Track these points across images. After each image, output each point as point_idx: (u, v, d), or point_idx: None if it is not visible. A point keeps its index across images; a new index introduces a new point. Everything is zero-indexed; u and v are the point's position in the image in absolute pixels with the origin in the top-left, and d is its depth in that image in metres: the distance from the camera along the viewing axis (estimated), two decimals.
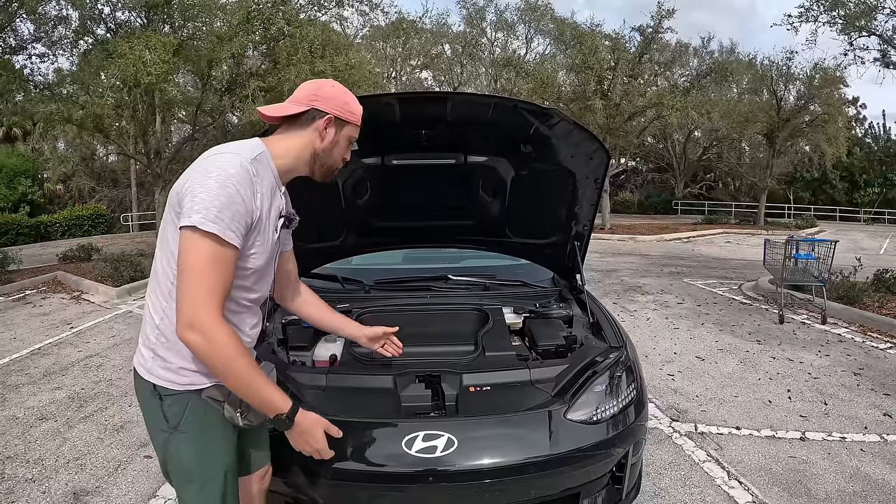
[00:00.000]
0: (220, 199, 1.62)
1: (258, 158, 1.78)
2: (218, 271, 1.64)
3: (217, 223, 1.61)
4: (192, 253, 1.62)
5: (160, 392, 1.80)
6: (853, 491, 3.54)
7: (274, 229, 1.89)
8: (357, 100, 1.98)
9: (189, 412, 1.80)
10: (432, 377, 2.56)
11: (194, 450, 1.84)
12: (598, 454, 2.40)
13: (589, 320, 3.31)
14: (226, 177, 1.64)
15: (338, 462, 2.22)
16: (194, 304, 1.61)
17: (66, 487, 3.59)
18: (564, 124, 2.92)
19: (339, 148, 1.96)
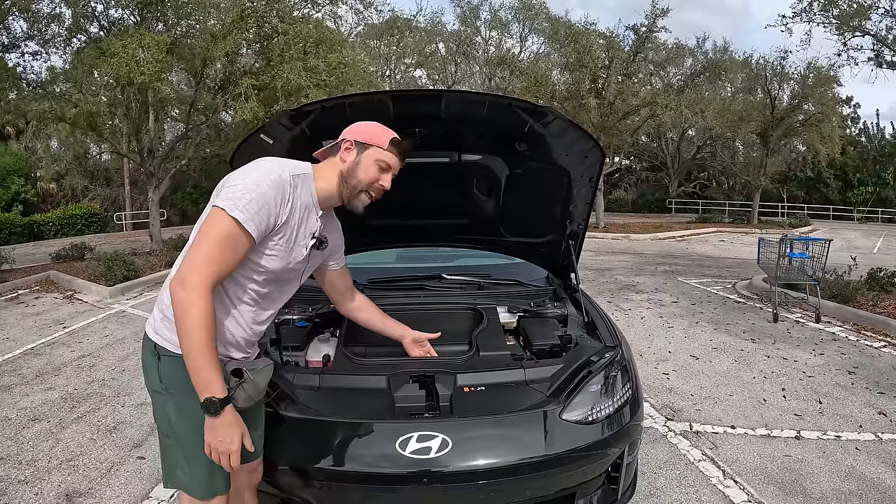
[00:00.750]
0: (252, 193, 1.84)
1: (301, 177, 2.01)
2: (226, 249, 1.81)
3: (243, 212, 1.81)
4: (212, 226, 1.82)
5: (159, 352, 1.95)
6: (848, 490, 3.54)
7: (304, 246, 2.08)
8: (387, 129, 2.16)
9: (183, 376, 1.84)
10: (426, 377, 2.54)
11: (185, 416, 1.93)
12: (593, 454, 2.38)
13: (584, 319, 3.30)
14: (264, 178, 1.88)
15: (332, 463, 2.22)
16: (194, 265, 1.79)
17: (58, 489, 3.57)
18: (559, 122, 2.90)
19: (363, 169, 2.08)
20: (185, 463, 1.97)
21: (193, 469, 1.96)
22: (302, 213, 2.03)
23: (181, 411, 1.94)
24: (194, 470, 1.96)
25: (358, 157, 2.09)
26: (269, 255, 1.97)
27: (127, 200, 27.68)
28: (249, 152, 2.55)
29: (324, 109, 2.66)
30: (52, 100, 12.43)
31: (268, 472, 2.28)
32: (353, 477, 2.22)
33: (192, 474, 1.98)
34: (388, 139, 2.12)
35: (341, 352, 2.86)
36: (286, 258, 2.02)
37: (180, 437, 1.96)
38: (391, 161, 2.12)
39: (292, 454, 2.20)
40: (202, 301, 1.76)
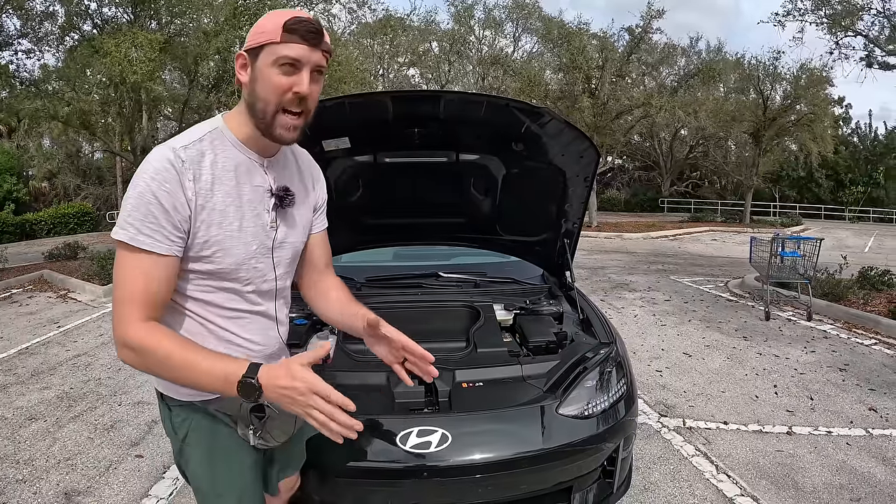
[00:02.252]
0: (131, 201, 1.43)
1: (205, 138, 1.51)
2: (134, 279, 1.43)
3: (126, 228, 1.42)
4: (115, 266, 1.47)
5: (167, 401, 1.67)
6: (840, 484, 3.59)
7: (266, 211, 1.62)
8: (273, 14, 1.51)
9: (194, 425, 1.65)
10: None
11: (203, 465, 1.68)
12: (589, 449, 2.42)
13: (579, 316, 3.33)
14: (139, 176, 1.44)
15: (332, 458, 2.24)
16: (118, 322, 1.44)
17: (57, 488, 3.57)
18: (555, 123, 2.94)
19: (264, 81, 1.49)
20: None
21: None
22: (232, 177, 1.54)
23: (201, 462, 1.69)
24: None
25: (254, 71, 1.49)
26: (215, 250, 1.53)
27: (119, 199, 27.59)
28: None
29: (324, 108, 2.67)
30: (44, 98, 12.40)
31: None
32: (353, 471, 2.25)
33: None
34: (279, 27, 1.45)
35: (341, 348, 2.89)
36: (240, 242, 1.57)
37: (202, 481, 1.70)
38: (296, 52, 1.46)
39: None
40: (146, 344, 1.42)
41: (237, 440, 1.67)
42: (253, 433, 1.63)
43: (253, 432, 1.63)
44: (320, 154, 3.00)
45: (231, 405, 1.62)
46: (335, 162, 3.18)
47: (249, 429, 1.63)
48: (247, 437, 1.64)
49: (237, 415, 1.63)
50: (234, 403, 1.60)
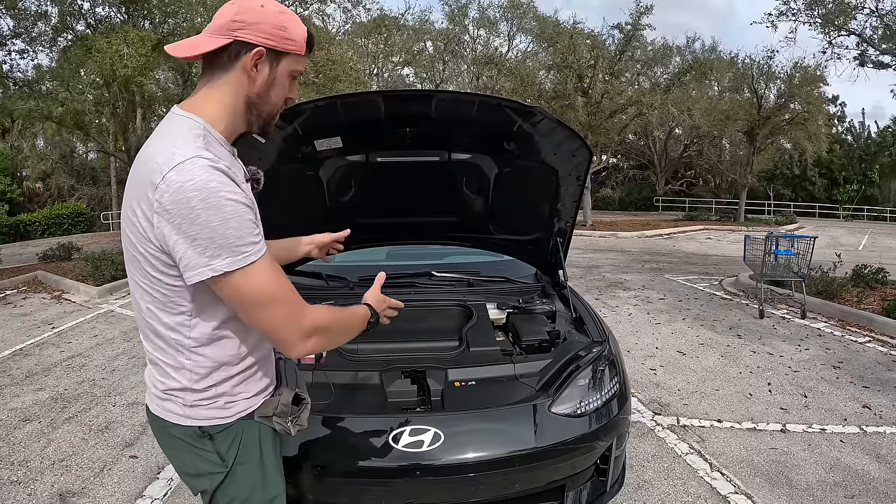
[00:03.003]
0: (230, 224, 1.32)
1: (208, 141, 1.41)
2: (278, 278, 1.42)
3: (246, 249, 1.35)
4: (251, 287, 1.37)
5: (209, 432, 1.56)
6: (833, 481, 3.61)
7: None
8: (299, 20, 1.50)
9: (244, 442, 1.60)
10: (418, 373, 2.60)
11: (257, 475, 1.65)
12: (582, 447, 2.43)
13: (572, 315, 3.35)
14: (212, 196, 1.30)
15: (326, 457, 2.26)
16: (295, 319, 1.44)
17: (51, 489, 3.56)
18: (547, 122, 2.96)
19: (279, 88, 1.51)
20: None
21: None
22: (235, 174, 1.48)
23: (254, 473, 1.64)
24: None
25: (273, 73, 1.48)
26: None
27: (114, 200, 27.51)
28: (242, 151, 2.57)
29: (316, 108, 2.69)
30: (38, 98, 12.36)
31: None
32: (347, 471, 2.27)
33: None
34: (305, 41, 1.50)
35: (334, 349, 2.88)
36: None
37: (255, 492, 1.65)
38: (304, 66, 1.57)
39: (286, 449, 2.22)
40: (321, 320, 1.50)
41: (274, 441, 1.70)
42: (292, 422, 1.66)
43: (292, 421, 1.66)
44: (313, 153, 3.01)
45: (269, 406, 1.64)
46: (328, 162, 3.19)
47: (288, 420, 1.65)
48: (287, 430, 1.65)
49: (275, 412, 1.64)
50: (272, 403, 1.64)
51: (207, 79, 1.47)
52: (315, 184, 3.29)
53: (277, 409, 1.64)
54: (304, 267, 3.73)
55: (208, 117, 1.45)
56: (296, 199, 3.31)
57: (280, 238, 2.30)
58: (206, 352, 1.51)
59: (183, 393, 1.53)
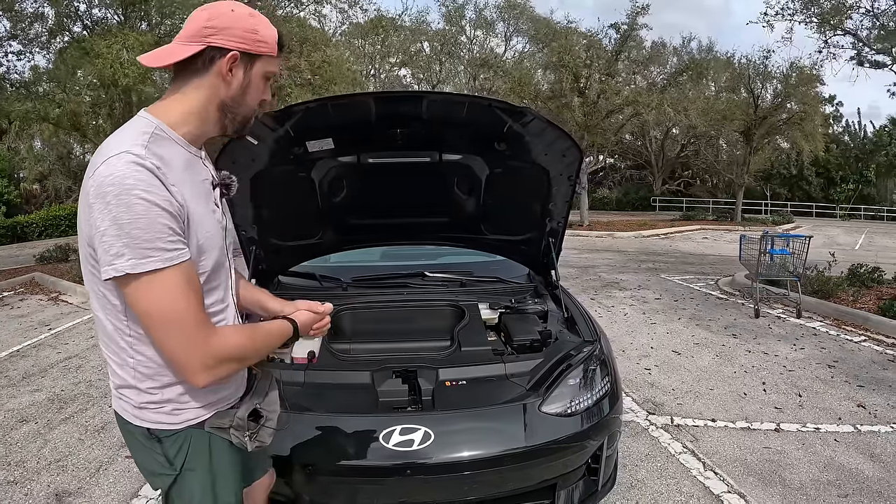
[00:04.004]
0: (137, 224, 1.29)
1: (154, 139, 1.38)
2: (187, 295, 1.37)
3: (151, 255, 1.31)
4: (148, 302, 1.34)
5: (158, 435, 1.57)
6: (827, 480, 3.63)
7: (214, 205, 1.59)
8: (269, 22, 1.53)
9: (192, 449, 1.60)
10: (409, 372, 2.64)
11: (205, 485, 1.64)
12: (572, 446, 2.46)
13: (563, 315, 3.39)
14: (126, 194, 1.28)
15: (317, 457, 2.29)
16: (193, 348, 1.39)
17: (48, 489, 3.59)
18: (538, 122, 2.99)
19: (254, 90, 1.53)
20: None
21: None
22: (190, 178, 1.46)
23: (202, 482, 1.64)
24: None
25: (247, 76, 1.50)
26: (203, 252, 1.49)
27: None
28: (235, 152, 2.59)
29: (307, 110, 2.72)
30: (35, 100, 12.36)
31: None
32: (338, 470, 2.29)
33: None
34: (276, 42, 1.53)
35: (326, 348, 2.92)
36: (215, 234, 1.55)
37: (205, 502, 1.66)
38: (277, 69, 1.58)
39: (278, 448, 2.23)
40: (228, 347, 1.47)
41: (230, 451, 1.67)
42: (250, 438, 1.65)
43: (250, 437, 1.65)
44: (305, 155, 3.04)
45: (224, 418, 1.62)
46: (319, 163, 3.22)
47: (246, 434, 1.63)
48: (243, 444, 1.64)
49: (231, 425, 1.62)
50: (227, 416, 1.62)
51: (179, 84, 1.48)
52: (307, 185, 3.32)
53: (233, 422, 1.62)
54: (297, 267, 3.78)
55: (169, 120, 1.45)
56: (288, 199, 3.36)
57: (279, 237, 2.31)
58: (146, 352, 1.48)
59: (129, 391, 1.53)
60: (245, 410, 1.64)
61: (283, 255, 3.61)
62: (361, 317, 3.36)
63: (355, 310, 3.42)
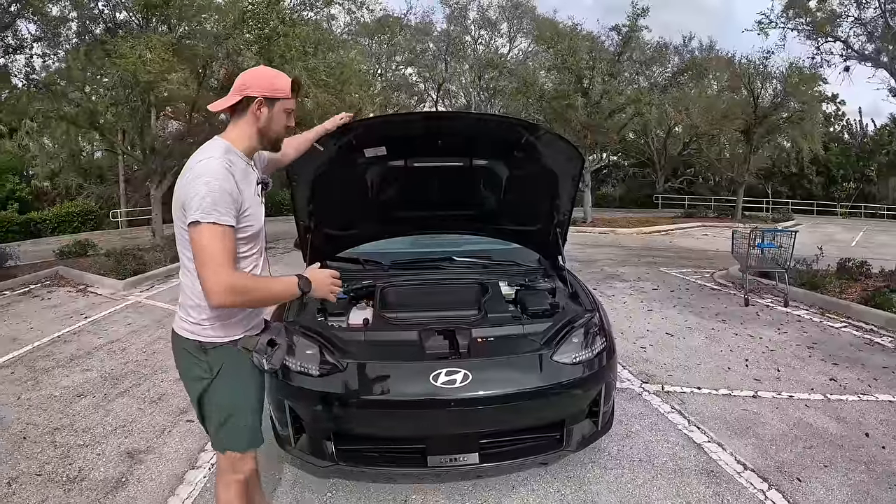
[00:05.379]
0: (211, 195, 2.06)
1: (227, 151, 2.21)
2: (223, 245, 2.06)
3: (212, 213, 2.05)
4: (201, 240, 2.05)
5: (205, 346, 2.28)
6: (794, 435, 4.19)
7: (258, 196, 2.33)
8: (283, 75, 2.32)
9: (227, 360, 2.30)
10: (449, 331, 3.33)
11: (231, 389, 2.32)
12: (577, 388, 3.17)
13: (568, 291, 4.09)
14: (210, 177, 2.08)
15: (381, 394, 2.99)
16: (216, 276, 2.04)
17: (119, 449, 4.01)
18: (548, 135, 3.76)
19: (277, 122, 2.30)
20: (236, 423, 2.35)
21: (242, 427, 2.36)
22: (244, 177, 2.24)
23: (229, 386, 2.32)
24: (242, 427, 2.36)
25: (270, 112, 2.26)
26: (248, 224, 2.23)
27: (122, 198, 27.88)
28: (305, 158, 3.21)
29: (366, 126, 3.47)
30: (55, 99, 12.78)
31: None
32: (398, 404, 2.99)
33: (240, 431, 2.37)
34: (289, 88, 2.29)
35: (379, 315, 3.65)
36: (257, 215, 2.30)
37: (231, 400, 2.33)
38: (294, 106, 2.33)
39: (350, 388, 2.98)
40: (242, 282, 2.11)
41: (249, 370, 2.36)
42: (267, 360, 2.32)
43: (267, 359, 2.32)
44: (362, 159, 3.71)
45: (251, 341, 2.33)
46: (373, 166, 3.91)
47: (263, 357, 2.31)
48: (260, 364, 2.32)
49: (254, 348, 2.31)
50: (252, 340, 2.33)
51: (235, 119, 2.30)
52: (361, 184, 4.01)
53: (256, 346, 2.32)
54: (344, 253, 4.45)
55: (231, 140, 2.28)
56: (343, 196, 4.05)
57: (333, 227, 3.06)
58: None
59: (193, 310, 2.28)
60: (265, 338, 2.35)
61: (333, 242, 4.28)
62: (405, 292, 4.04)
63: (400, 286, 4.10)
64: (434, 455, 3.09)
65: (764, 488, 3.47)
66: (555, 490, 3.42)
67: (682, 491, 3.43)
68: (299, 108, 11.96)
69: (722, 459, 3.81)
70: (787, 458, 3.84)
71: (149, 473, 3.73)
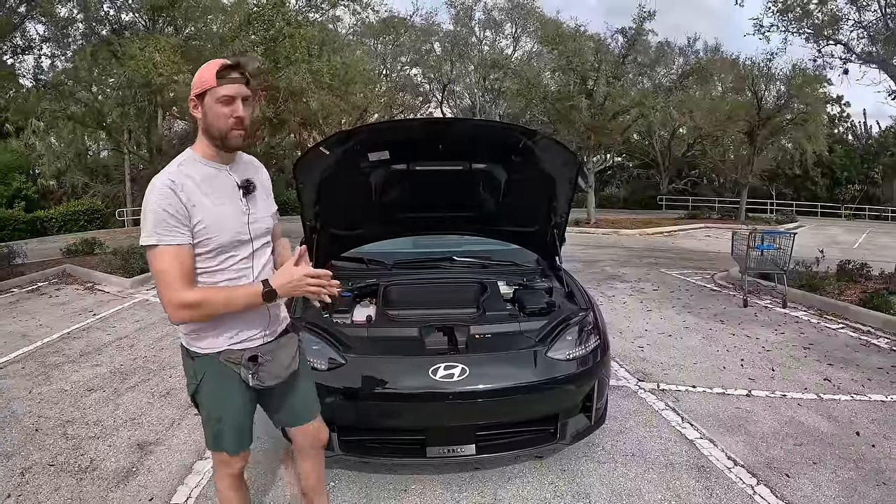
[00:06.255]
0: (152, 216, 2.04)
1: (182, 164, 2.16)
2: (169, 265, 2.05)
3: (153, 236, 2.05)
4: (151, 264, 2.10)
5: (191, 354, 2.32)
6: (786, 433, 4.29)
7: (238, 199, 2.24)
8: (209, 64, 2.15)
9: (208, 371, 2.30)
10: (448, 328, 3.47)
11: (213, 397, 2.34)
12: (570, 384, 3.29)
13: (564, 290, 4.22)
14: (152, 197, 2.05)
15: (383, 387, 3.11)
16: (166, 296, 2.07)
17: (129, 441, 4.13)
18: (545, 140, 3.88)
19: (213, 115, 2.13)
20: (221, 429, 2.37)
21: (227, 432, 2.38)
22: (207, 185, 2.16)
23: (207, 396, 2.34)
24: (228, 433, 2.38)
25: (203, 108, 2.13)
26: (209, 235, 2.13)
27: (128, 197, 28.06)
28: (311, 161, 3.35)
29: (370, 131, 3.64)
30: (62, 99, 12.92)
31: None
32: (398, 396, 3.12)
33: (225, 436, 2.38)
34: (213, 75, 2.10)
35: (381, 312, 3.81)
36: (226, 225, 2.18)
37: (209, 409, 2.37)
38: (230, 91, 2.11)
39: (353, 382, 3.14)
40: (194, 298, 2.09)
41: (236, 382, 2.32)
42: (252, 375, 2.29)
43: (252, 375, 2.29)
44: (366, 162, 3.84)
45: (234, 355, 2.28)
46: (377, 170, 4.04)
47: (249, 372, 2.28)
48: (246, 379, 2.30)
49: (239, 363, 2.28)
50: (235, 354, 2.28)
51: None
52: (365, 186, 4.14)
53: (241, 361, 2.29)
54: (348, 253, 4.61)
55: (195, 149, 2.23)
56: (348, 198, 4.17)
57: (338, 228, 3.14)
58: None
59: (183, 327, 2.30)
60: (248, 354, 2.29)
61: (338, 242, 4.42)
62: (407, 290, 4.20)
63: (402, 285, 4.25)
64: (433, 446, 3.23)
65: (753, 483, 3.58)
66: (549, 482, 3.53)
67: (673, 484, 3.54)
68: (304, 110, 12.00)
69: (713, 455, 3.92)
70: (777, 455, 3.94)
71: (158, 463, 3.85)
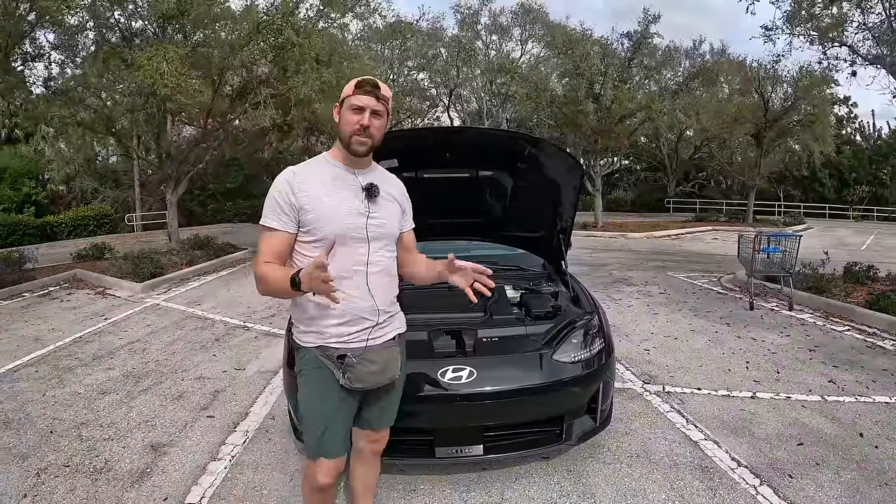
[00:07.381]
0: (267, 201, 2.37)
1: (310, 164, 2.46)
2: (265, 242, 2.34)
3: (263, 217, 2.36)
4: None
5: (297, 346, 2.50)
6: (790, 434, 4.33)
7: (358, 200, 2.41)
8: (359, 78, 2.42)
9: (306, 363, 2.46)
10: (456, 331, 3.55)
11: (305, 395, 2.49)
12: (575, 386, 3.37)
13: (570, 294, 4.29)
14: (272, 187, 2.37)
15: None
16: (253, 269, 2.34)
17: (142, 442, 4.21)
18: (550, 147, 3.97)
19: (345, 119, 2.38)
20: (308, 429, 2.47)
21: (309, 434, 2.48)
22: (329, 181, 2.39)
23: (304, 389, 2.49)
24: (309, 434, 2.48)
25: (340, 114, 2.40)
26: (317, 225, 2.33)
27: (137, 202, 28.25)
28: None
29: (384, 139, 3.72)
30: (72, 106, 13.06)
31: None
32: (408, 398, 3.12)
33: (307, 437, 2.49)
34: (353, 86, 2.38)
35: None
36: (337, 219, 2.34)
37: (303, 404, 2.50)
38: (361, 101, 2.35)
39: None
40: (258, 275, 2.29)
41: (330, 379, 2.41)
42: (343, 375, 2.39)
43: (343, 374, 2.39)
44: None
45: (326, 352, 2.39)
46: None
47: (339, 370, 2.38)
48: (338, 377, 2.39)
49: (332, 360, 2.39)
50: (329, 350, 2.38)
51: None
52: None
53: (332, 359, 2.39)
54: None
55: (330, 152, 2.51)
56: None
57: None
58: None
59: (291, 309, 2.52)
60: (336, 353, 2.38)
61: None
62: (416, 294, 4.22)
63: (411, 289, 4.28)
64: (441, 447, 3.31)
65: (756, 484, 3.63)
66: (555, 482, 3.60)
67: (677, 485, 3.59)
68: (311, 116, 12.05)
69: (717, 456, 3.97)
70: (781, 456, 3.99)
71: (172, 465, 3.92)
